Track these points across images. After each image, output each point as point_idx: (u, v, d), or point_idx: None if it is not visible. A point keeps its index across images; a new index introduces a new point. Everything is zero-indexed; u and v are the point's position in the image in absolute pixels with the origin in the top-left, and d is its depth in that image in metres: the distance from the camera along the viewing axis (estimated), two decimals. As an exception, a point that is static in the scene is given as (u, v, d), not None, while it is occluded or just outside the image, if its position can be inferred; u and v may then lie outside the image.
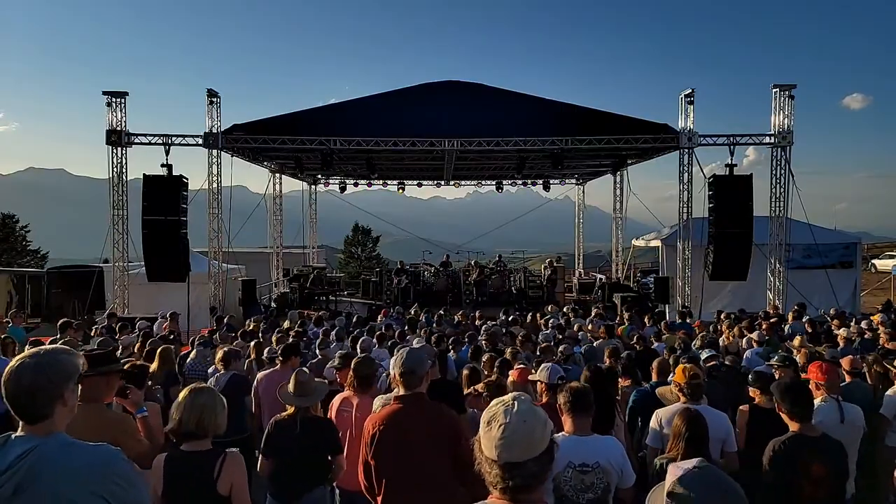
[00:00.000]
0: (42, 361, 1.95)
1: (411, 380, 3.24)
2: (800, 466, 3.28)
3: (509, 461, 1.58)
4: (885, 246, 38.97)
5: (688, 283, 15.45)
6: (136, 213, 14.13)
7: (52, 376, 1.94)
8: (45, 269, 22.13)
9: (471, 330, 9.90)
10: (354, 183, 23.75)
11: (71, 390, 2.00)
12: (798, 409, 3.45)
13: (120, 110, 14.70)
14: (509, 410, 1.62)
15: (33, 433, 1.92)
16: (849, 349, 7.58)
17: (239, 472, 2.84)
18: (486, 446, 1.62)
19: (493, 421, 1.62)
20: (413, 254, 23.51)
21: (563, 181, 24.41)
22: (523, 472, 1.58)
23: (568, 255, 28.58)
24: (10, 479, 1.81)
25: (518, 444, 1.58)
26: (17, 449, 1.86)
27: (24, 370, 1.93)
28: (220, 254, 16.50)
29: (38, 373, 1.92)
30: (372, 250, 43.54)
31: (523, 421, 1.59)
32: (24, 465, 1.83)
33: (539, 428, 1.61)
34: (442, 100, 16.19)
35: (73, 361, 2.02)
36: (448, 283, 20.62)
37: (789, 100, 14.80)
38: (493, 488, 1.62)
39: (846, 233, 19.28)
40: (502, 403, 1.65)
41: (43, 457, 1.86)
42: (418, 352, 3.42)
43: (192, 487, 2.79)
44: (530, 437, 1.59)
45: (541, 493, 1.64)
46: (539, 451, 1.60)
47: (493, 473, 1.60)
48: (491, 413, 1.65)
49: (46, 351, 2.02)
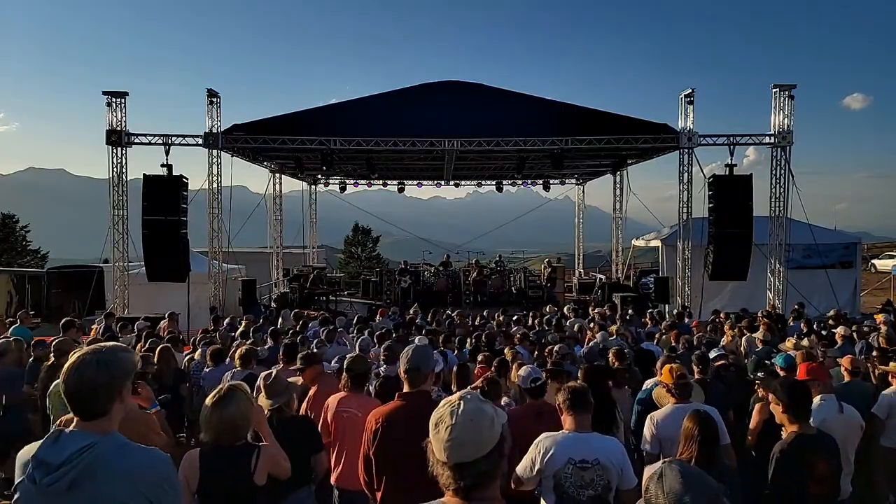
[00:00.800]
0: (104, 358, 1.96)
1: (416, 377, 3.25)
2: (806, 466, 3.30)
3: (459, 462, 1.57)
4: (885, 246, 38.98)
5: (688, 283, 15.45)
6: (136, 213, 14.13)
7: (114, 372, 1.96)
8: (45, 269, 22.14)
9: (468, 329, 9.91)
10: (354, 183, 23.76)
11: (128, 388, 2.03)
12: (802, 409, 3.48)
13: (120, 110, 14.70)
14: (455, 411, 1.60)
15: (90, 430, 1.93)
16: (850, 349, 7.58)
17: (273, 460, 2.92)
18: (435, 448, 1.61)
19: (441, 423, 1.60)
20: (413, 254, 23.51)
21: (563, 181, 24.41)
22: (474, 471, 1.57)
23: (568, 255, 28.58)
24: (67, 475, 1.82)
25: (466, 443, 1.57)
26: (75, 444, 1.87)
27: (86, 366, 1.94)
28: (220, 254, 16.51)
29: (101, 369, 1.94)
30: (372, 250, 43.53)
31: (470, 420, 1.58)
32: (81, 462, 1.84)
33: (486, 426, 1.60)
34: (442, 100, 16.20)
35: (132, 359, 2.06)
36: (448, 283, 20.63)
37: (789, 100, 14.80)
38: (446, 489, 1.62)
39: (846, 233, 19.29)
40: (449, 404, 1.63)
41: (100, 455, 1.87)
42: (425, 349, 3.41)
43: (229, 481, 2.82)
44: (478, 436, 1.58)
45: (494, 490, 1.63)
46: (488, 448, 1.59)
47: (445, 475, 1.59)
48: (438, 415, 1.63)
49: (108, 348, 2.04)
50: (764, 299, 15.19)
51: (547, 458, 3.19)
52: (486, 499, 1.61)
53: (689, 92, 15.15)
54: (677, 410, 3.98)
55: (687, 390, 4.11)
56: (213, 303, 15.76)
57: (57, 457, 1.84)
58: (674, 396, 4.09)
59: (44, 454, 1.86)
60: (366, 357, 4.72)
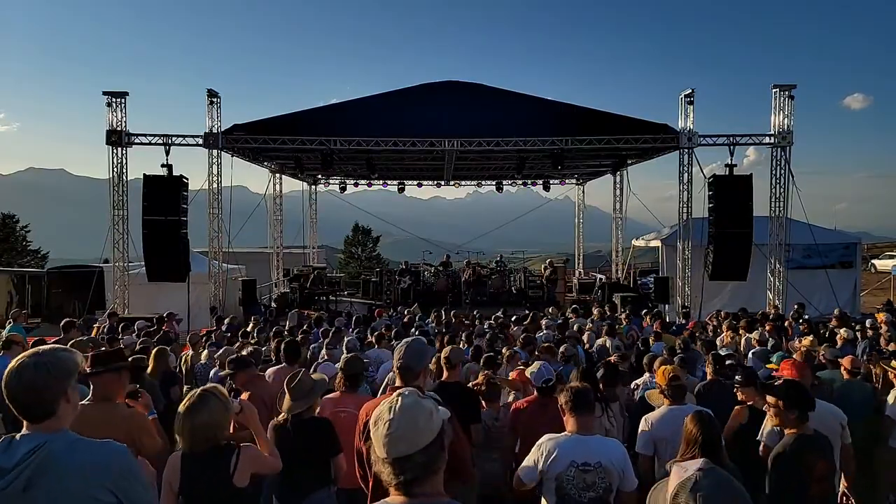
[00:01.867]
0: (42, 360, 1.97)
1: (407, 375, 3.24)
2: (806, 466, 3.31)
3: (397, 456, 1.59)
4: (885, 246, 38.99)
5: (688, 283, 15.45)
6: (137, 213, 14.14)
7: (54, 373, 1.96)
8: (45, 269, 22.13)
9: (466, 330, 9.90)
10: (354, 183, 23.76)
11: (73, 388, 2.02)
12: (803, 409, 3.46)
13: (120, 110, 14.70)
14: (393, 407, 1.63)
15: (39, 431, 1.94)
16: (849, 349, 7.58)
17: (253, 460, 2.88)
18: (376, 445, 1.63)
19: (379, 419, 1.63)
20: (413, 254, 23.51)
21: (563, 181, 24.41)
22: (412, 464, 1.59)
23: (568, 255, 28.59)
24: (21, 475, 1.83)
25: (402, 438, 1.59)
26: (25, 446, 1.89)
27: (24, 369, 1.94)
28: (220, 254, 16.51)
29: (39, 371, 1.94)
30: (372, 250, 43.54)
31: (406, 415, 1.60)
32: (33, 462, 1.85)
33: (423, 419, 1.62)
34: (442, 100, 16.20)
35: (73, 359, 2.04)
36: (448, 283, 20.63)
37: (789, 100, 14.80)
38: (388, 486, 1.63)
39: (846, 233, 19.29)
40: (387, 401, 1.66)
41: (52, 453, 1.88)
42: (419, 345, 3.38)
43: (209, 483, 2.81)
44: (414, 430, 1.60)
45: (435, 484, 1.65)
46: (425, 442, 1.61)
47: (386, 471, 1.61)
48: (377, 412, 1.66)
49: (46, 350, 2.04)
50: (764, 299, 15.19)
51: (550, 460, 3.20)
52: (428, 493, 1.63)
53: (689, 92, 15.15)
54: (671, 412, 3.98)
55: (680, 392, 4.11)
56: (213, 303, 15.77)
57: (9, 460, 1.85)
58: (667, 398, 4.08)
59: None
60: (359, 357, 4.74)
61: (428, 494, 1.63)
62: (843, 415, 4.15)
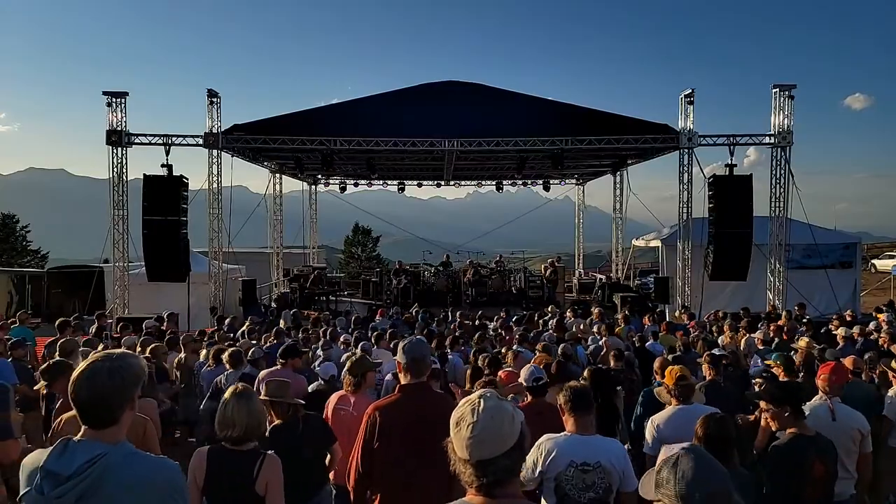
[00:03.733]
0: (115, 365, 1.93)
1: (416, 368, 3.26)
2: (802, 467, 3.28)
3: (481, 459, 1.60)
4: (885, 246, 38.99)
5: (688, 284, 15.45)
6: (137, 213, 14.15)
7: (126, 380, 1.94)
8: (45, 269, 22.13)
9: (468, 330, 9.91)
10: (354, 183, 23.75)
11: (137, 395, 2.01)
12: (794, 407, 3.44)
13: (120, 110, 14.69)
14: (476, 409, 1.63)
15: (100, 439, 1.90)
16: (850, 349, 7.57)
17: (275, 473, 2.87)
18: (457, 446, 1.64)
19: (462, 421, 1.64)
20: (413, 254, 23.50)
21: (563, 181, 24.40)
22: (496, 468, 1.60)
23: (568, 255, 28.58)
24: (76, 487, 1.79)
25: (488, 441, 1.60)
26: (84, 455, 1.84)
27: (97, 374, 1.90)
28: (220, 254, 16.50)
29: (114, 377, 1.91)
30: (372, 250, 43.52)
31: (491, 417, 1.61)
32: (91, 473, 1.81)
33: (507, 423, 1.63)
34: (442, 100, 16.19)
35: (142, 365, 2.04)
36: (448, 283, 20.61)
37: (789, 100, 14.80)
38: (469, 487, 1.65)
39: (846, 233, 19.28)
40: (469, 403, 1.67)
41: (110, 466, 1.84)
42: (421, 343, 3.45)
43: (232, 484, 2.85)
44: (499, 433, 1.61)
45: (515, 486, 1.67)
46: (509, 445, 1.62)
47: (468, 473, 1.62)
48: (459, 413, 1.66)
49: (118, 355, 2.01)
50: (764, 299, 15.19)
51: (549, 460, 3.19)
52: (508, 495, 1.64)
53: (689, 92, 15.15)
54: (679, 412, 3.96)
55: (688, 392, 4.09)
56: (213, 303, 15.76)
57: (66, 468, 1.81)
58: (675, 398, 4.06)
59: (52, 465, 1.82)
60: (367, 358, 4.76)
61: (508, 495, 1.64)
62: (867, 424, 4.01)
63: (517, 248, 25.48)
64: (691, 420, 3.42)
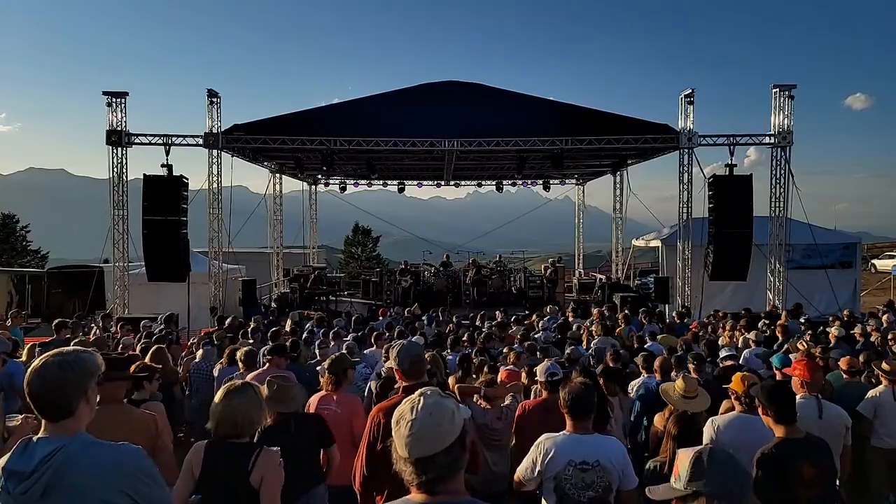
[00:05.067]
0: (66, 359, 1.99)
1: (412, 370, 3.26)
2: (792, 471, 3.21)
3: (420, 456, 1.60)
4: (885, 246, 38.99)
5: (688, 284, 15.45)
6: (137, 213, 14.14)
7: (77, 372, 1.99)
8: (45, 269, 22.12)
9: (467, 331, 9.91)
10: (354, 183, 23.75)
11: (93, 389, 2.05)
12: (785, 412, 3.34)
13: (120, 110, 14.69)
14: (415, 406, 1.63)
15: (58, 433, 1.95)
16: (846, 348, 7.57)
17: (272, 468, 2.87)
18: (397, 444, 1.64)
19: (402, 419, 1.64)
20: (413, 254, 23.50)
21: (563, 181, 24.41)
22: (435, 465, 1.60)
23: (568, 256, 28.58)
24: (39, 480, 1.84)
25: (426, 438, 1.59)
26: (43, 450, 1.89)
27: (48, 368, 1.96)
28: (220, 254, 16.51)
29: (63, 370, 1.97)
30: (372, 250, 43.52)
31: (429, 415, 1.61)
32: (51, 466, 1.86)
33: (446, 420, 1.62)
34: (442, 100, 16.18)
35: (95, 360, 2.08)
36: (448, 283, 20.63)
37: (789, 100, 14.80)
38: (410, 485, 1.64)
39: (846, 233, 19.27)
40: (409, 401, 1.66)
41: (69, 456, 1.89)
42: (416, 344, 3.45)
43: (227, 477, 2.85)
44: (437, 431, 1.60)
45: (457, 483, 1.66)
46: (448, 442, 1.61)
47: (408, 471, 1.62)
48: (399, 412, 1.66)
49: (69, 350, 2.08)
50: (764, 299, 15.19)
51: (547, 459, 3.19)
52: (450, 492, 1.64)
53: (689, 92, 15.14)
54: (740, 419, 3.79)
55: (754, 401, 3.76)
56: (213, 303, 15.76)
57: (27, 465, 1.86)
58: (742, 405, 3.85)
59: (14, 465, 1.88)
60: (346, 357, 4.79)
61: (450, 492, 1.64)
62: (849, 417, 4.10)
63: (517, 248, 25.48)
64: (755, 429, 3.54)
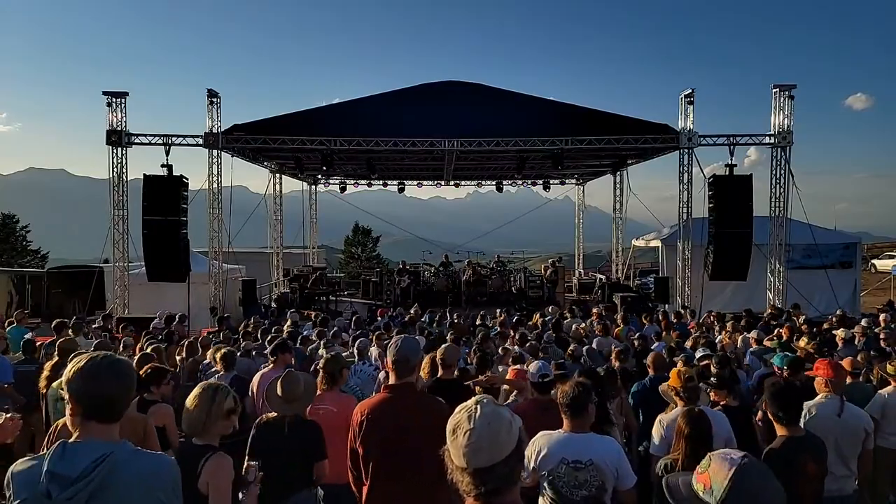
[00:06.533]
0: (116, 363, 2.00)
1: (403, 368, 3.22)
2: (795, 468, 3.27)
3: (478, 467, 1.55)
4: (885, 246, 38.99)
5: (688, 284, 15.45)
6: (137, 213, 14.15)
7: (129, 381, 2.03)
8: (45, 269, 22.12)
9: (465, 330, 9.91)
10: (354, 183, 23.75)
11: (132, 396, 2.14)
12: (791, 413, 3.42)
13: (120, 110, 14.70)
14: (473, 415, 1.58)
15: (101, 437, 1.92)
16: (851, 349, 7.56)
17: (218, 474, 2.76)
18: (454, 455, 1.59)
19: (459, 428, 1.59)
20: (413, 254, 23.50)
21: (563, 181, 24.40)
22: (493, 476, 1.56)
23: (568, 256, 28.58)
24: (87, 487, 1.81)
25: (485, 448, 1.55)
26: (89, 455, 1.85)
27: (101, 370, 1.94)
28: (220, 254, 16.50)
29: (121, 378, 1.98)
30: (372, 250, 43.53)
31: (488, 424, 1.57)
32: (101, 473, 1.83)
33: (504, 430, 1.58)
34: (442, 100, 16.19)
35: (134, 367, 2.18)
36: (448, 283, 20.62)
37: (789, 100, 14.80)
38: (467, 496, 1.60)
39: (846, 233, 19.27)
40: (465, 410, 1.62)
41: (118, 464, 1.87)
42: (412, 342, 3.39)
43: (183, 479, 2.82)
44: (496, 440, 1.57)
45: (514, 494, 1.63)
46: (507, 452, 1.58)
47: (466, 481, 1.57)
48: (455, 421, 1.62)
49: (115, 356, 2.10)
50: (764, 299, 15.18)
51: (541, 457, 3.20)
52: (507, 503, 1.60)
53: (689, 92, 15.14)
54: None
55: (695, 393, 4.03)
56: (213, 303, 15.76)
57: (72, 470, 1.81)
58: (682, 399, 4.00)
59: (56, 468, 1.82)
60: (340, 356, 4.79)
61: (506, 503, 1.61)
62: (870, 421, 4.10)
63: (517, 248, 25.47)
64: None
